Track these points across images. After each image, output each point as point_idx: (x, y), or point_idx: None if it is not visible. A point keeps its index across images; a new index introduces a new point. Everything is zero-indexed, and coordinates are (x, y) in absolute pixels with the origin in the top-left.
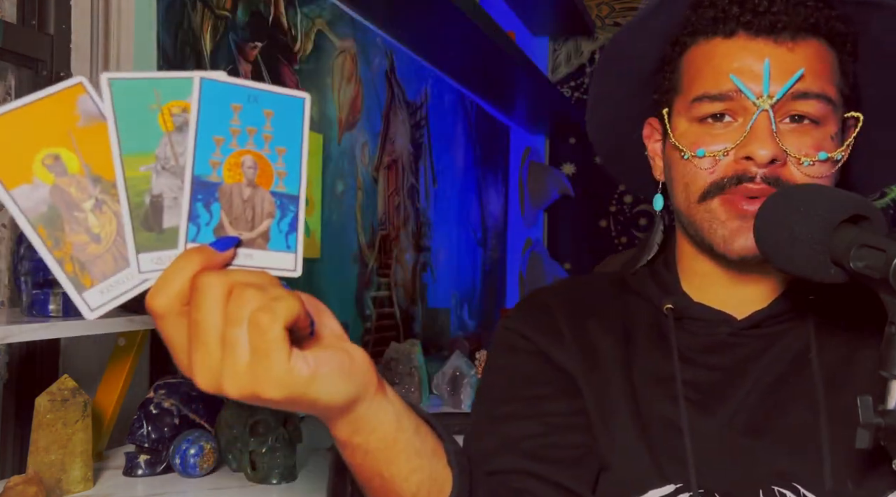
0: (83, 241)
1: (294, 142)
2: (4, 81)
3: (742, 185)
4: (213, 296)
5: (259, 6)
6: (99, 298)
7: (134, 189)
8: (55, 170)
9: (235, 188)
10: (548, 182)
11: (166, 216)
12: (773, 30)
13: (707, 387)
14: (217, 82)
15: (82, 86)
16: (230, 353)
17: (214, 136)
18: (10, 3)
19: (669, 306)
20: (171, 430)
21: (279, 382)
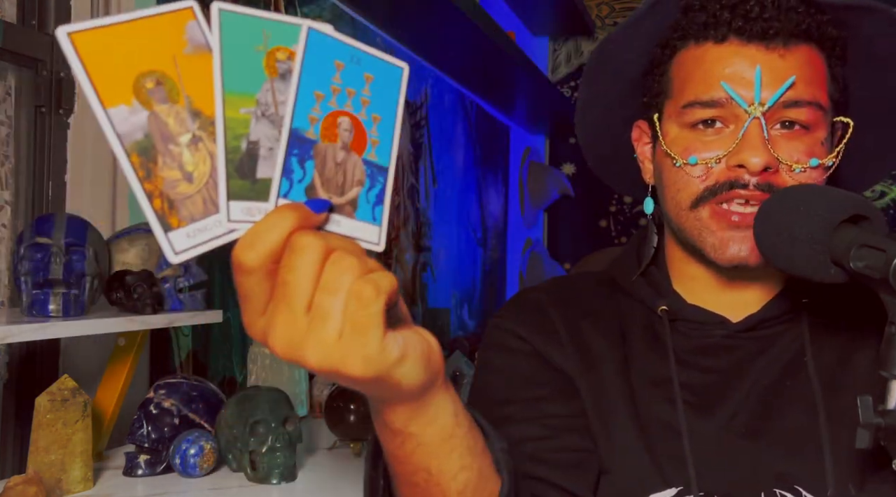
0: (175, 178)
1: (390, 111)
2: (4, 81)
3: (734, 190)
4: (311, 258)
5: (259, 6)
6: (185, 242)
7: (232, 131)
8: (156, 95)
9: (330, 149)
10: (548, 182)
11: (261, 165)
12: (765, 36)
13: (704, 389)
14: (324, 35)
15: (192, 11)
16: (320, 323)
17: (315, 90)
18: (10, 3)
19: (664, 308)
20: (171, 430)
21: (369, 360)
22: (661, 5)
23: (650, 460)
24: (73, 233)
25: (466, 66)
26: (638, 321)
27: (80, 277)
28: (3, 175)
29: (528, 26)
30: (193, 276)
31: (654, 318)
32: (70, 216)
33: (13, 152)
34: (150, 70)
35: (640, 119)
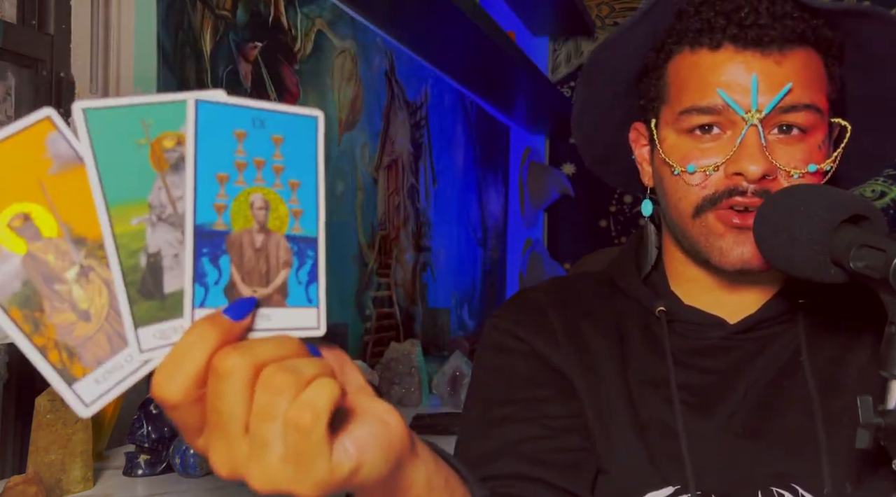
0: (69, 321)
1: (309, 171)
2: (4, 81)
3: (733, 197)
4: (238, 383)
5: (259, 6)
6: (94, 389)
7: (126, 248)
8: (26, 234)
9: (246, 236)
10: (548, 182)
11: (167, 278)
12: (760, 43)
13: (702, 390)
14: (215, 104)
15: (50, 121)
16: (260, 450)
17: (217, 173)
18: (10, 4)
19: (662, 309)
20: (171, 430)
21: (320, 485)
22: (657, 9)
23: (648, 460)
24: None
25: (466, 66)
26: (636, 322)
27: None
28: None
29: (528, 26)
30: None
31: (652, 319)
32: None
33: None
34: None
35: (636, 121)
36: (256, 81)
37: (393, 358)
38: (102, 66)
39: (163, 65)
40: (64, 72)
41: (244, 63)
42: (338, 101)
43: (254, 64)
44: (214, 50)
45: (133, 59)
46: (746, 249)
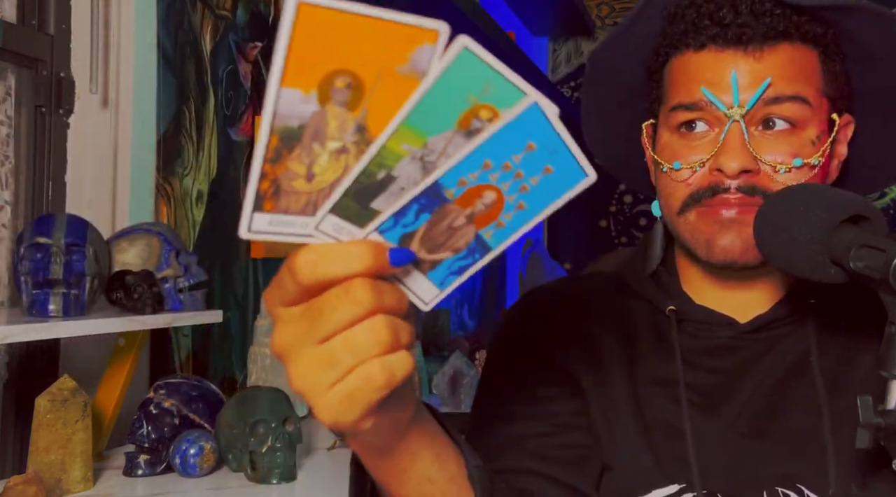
0: (296, 172)
1: (539, 206)
2: (4, 81)
3: (718, 196)
4: (353, 312)
5: (259, 6)
6: (264, 225)
7: (379, 159)
8: (338, 96)
9: (455, 212)
10: None
11: (381, 198)
12: (741, 40)
13: (709, 389)
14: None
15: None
16: (319, 362)
17: (487, 159)
18: (10, 4)
19: (672, 308)
20: (171, 430)
21: (337, 423)
22: (645, 15)
23: (653, 459)
24: (73, 233)
25: None
26: (645, 321)
27: (80, 277)
28: (3, 175)
29: (528, 26)
30: (193, 276)
31: (662, 319)
32: (70, 216)
33: (13, 152)
34: (352, 70)
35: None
36: (256, 81)
37: None
38: (102, 66)
39: (163, 65)
40: (64, 72)
41: (244, 63)
42: None
43: (254, 64)
44: (214, 50)
45: (133, 59)
46: (727, 239)
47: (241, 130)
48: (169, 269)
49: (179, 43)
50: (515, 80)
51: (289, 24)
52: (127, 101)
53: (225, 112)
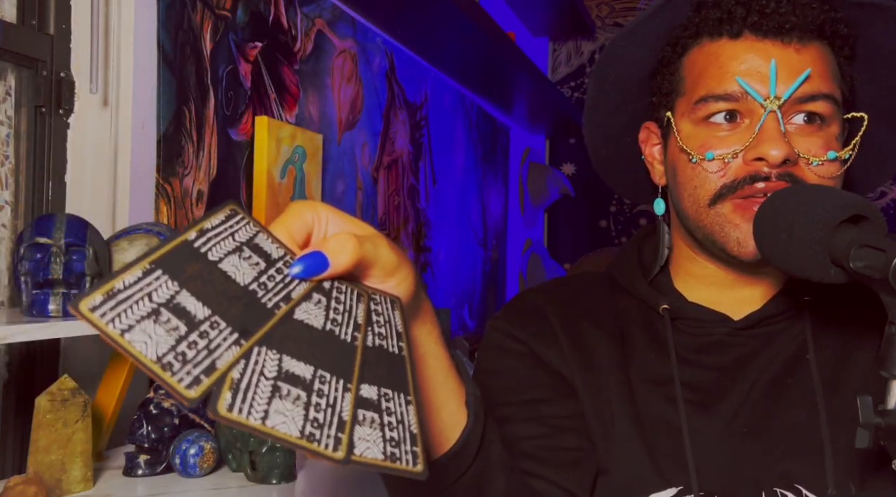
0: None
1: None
2: (4, 81)
3: (755, 184)
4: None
5: (259, 6)
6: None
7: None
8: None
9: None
10: (548, 182)
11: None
12: (781, 31)
13: (704, 387)
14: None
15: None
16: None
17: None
18: (10, 4)
19: (665, 307)
20: (171, 430)
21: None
22: (672, 4)
23: (650, 460)
24: (73, 233)
25: (466, 66)
26: (638, 320)
27: (80, 277)
28: (3, 175)
29: (528, 26)
30: None
31: (655, 317)
32: (70, 216)
33: (13, 152)
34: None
35: (647, 120)
36: (256, 81)
37: None
38: (102, 66)
39: (163, 65)
40: (64, 72)
41: (244, 63)
42: (338, 101)
43: (254, 64)
44: (214, 50)
45: (133, 59)
46: None
47: (241, 130)
48: None
49: (179, 43)
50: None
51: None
52: (127, 101)
53: (225, 112)
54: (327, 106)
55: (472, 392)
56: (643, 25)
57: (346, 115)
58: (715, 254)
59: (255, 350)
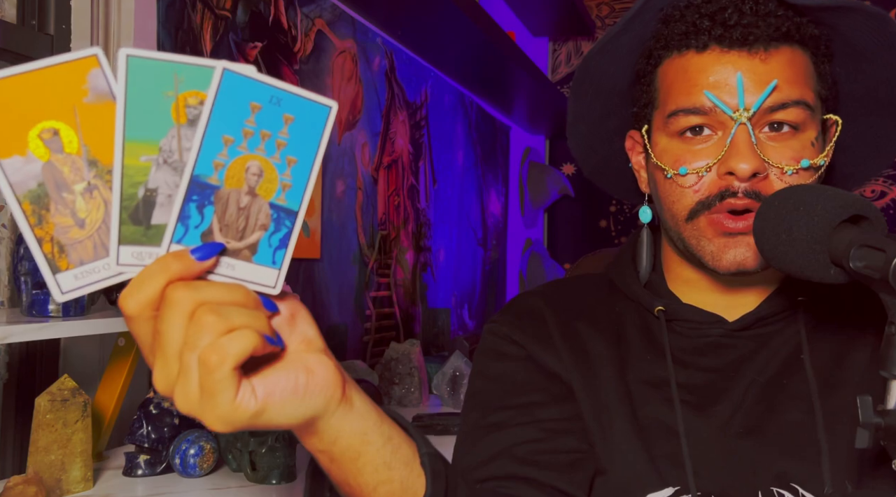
0: (67, 224)
1: (308, 154)
2: None
3: (725, 200)
4: (179, 313)
5: (259, 6)
6: (72, 282)
7: (130, 179)
8: (52, 145)
9: (233, 194)
10: (548, 182)
11: (157, 212)
12: (745, 42)
13: (701, 388)
14: (240, 76)
15: (96, 59)
16: (184, 377)
17: (224, 135)
18: (9, 4)
19: (661, 308)
20: (171, 430)
21: (224, 419)
22: (640, 18)
23: (647, 460)
24: None
25: (466, 66)
26: (634, 322)
27: None
28: None
29: (528, 26)
30: None
31: (651, 319)
32: None
33: None
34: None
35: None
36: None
37: (393, 358)
38: None
39: None
40: None
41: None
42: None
43: (254, 64)
44: (214, 50)
45: None
46: (739, 252)
47: None
48: None
49: (179, 43)
50: (195, 60)
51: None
52: None
53: None
54: None
55: (425, 452)
56: (616, 39)
57: (346, 115)
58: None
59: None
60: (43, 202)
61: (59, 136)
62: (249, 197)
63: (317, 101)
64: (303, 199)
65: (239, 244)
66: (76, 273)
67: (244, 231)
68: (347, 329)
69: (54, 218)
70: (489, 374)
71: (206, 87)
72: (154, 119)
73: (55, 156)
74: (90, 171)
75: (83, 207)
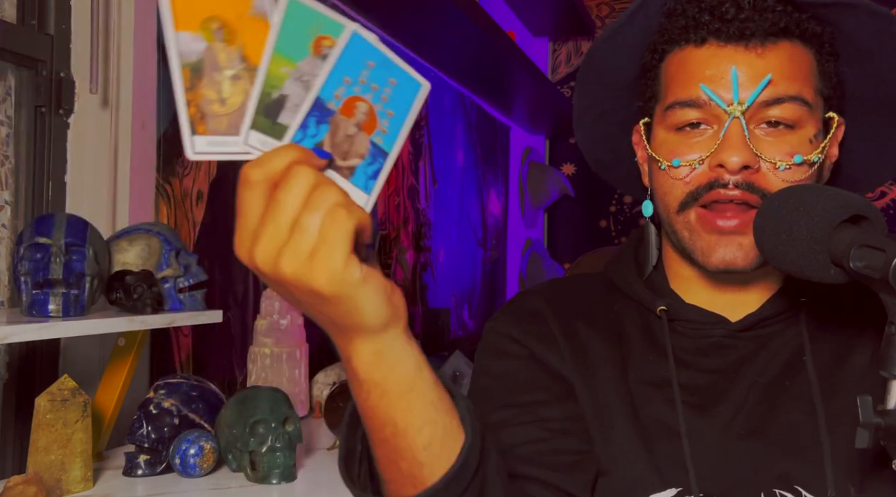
0: (212, 97)
1: (402, 112)
2: (4, 81)
3: (714, 190)
4: (302, 183)
5: None
6: (205, 146)
7: (270, 81)
8: (217, 35)
9: (344, 122)
10: (548, 182)
11: (284, 114)
12: (742, 36)
13: (702, 389)
14: (363, 39)
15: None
16: (299, 235)
17: (346, 76)
18: (9, 4)
19: (663, 308)
20: (171, 430)
21: (333, 275)
22: (643, 11)
23: (649, 461)
24: (73, 233)
25: (466, 66)
26: (635, 322)
27: (79, 277)
28: (3, 175)
29: (528, 26)
30: (193, 276)
31: (652, 319)
32: (70, 216)
33: (13, 152)
34: (219, 15)
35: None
36: None
37: None
38: (102, 66)
39: (163, 65)
40: (64, 72)
41: None
42: None
43: None
44: None
45: (133, 59)
46: (729, 251)
47: None
48: (169, 269)
49: None
50: (334, 15)
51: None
52: (127, 102)
53: None
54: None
55: (465, 406)
56: (620, 32)
57: None
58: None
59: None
60: (199, 73)
61: (224, 30)
62: (356, 128)
63: (415, 77)
64: (395, 145)
65: (342, 162)
66: (210, 140)
67: (348, 154)
68: None
69: (204, 89)
70: (491, 372)
71: (337, 35)
72: (298, 44)
73: (217, 43)
74: (240, 64)
75: (228, 89)
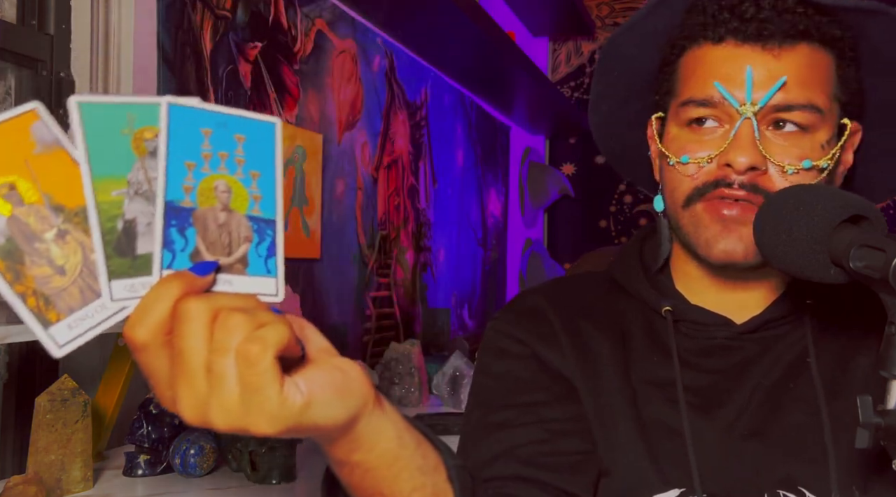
0: (46, 274)
1: (267, 166)
2: (4, 81)
3: (719, 189)
4: (198, 322)
5: (259, 6)
6: (67, 334)
7: (106, 214)
8: (11, 200)
9: (210, 213)
10: (548, 182)
11: (140, 242)
12: (760, 36)
13: (706, 390)
14: (184, 107)
15: (36, 113)
16: (218, 386)
17: (186, 161)
18: (9, 4)
19: (668, 309)
20: (171, 430)
21: (272, 416)
22: (667, 4)
23: (652, 462)
24: None
25: (466, 66)
26: (639, 322)
27: None
28: None
29: (528, 26)
30: None
31: (657, 319)
32: None
33: None
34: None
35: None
36: (256, 81)
37: (393, 358)
38: (102, 66)
39: (163, 65)
40: (64, 72)
41: (244, 63)
42: (338, 101)
43: (254, 64)
44: (214, 50)
45: (133, 59)
46: (729, 243)
47: None
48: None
49: (179, 43)
50: (140, 99)
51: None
52: None
53: None
54: (327, 106)
55: (452, 463)
56: (641, 23)
57: (345, 115)
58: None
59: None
60: (16, 256)
61: (17, 190)
62: (225, 213)
63: (260, 119)
64: (276, 208)
65: (229, 259)
66: (69, 322)
67: (230, 246)
68: (347, 329)
69: (31, 270)
70: (492, 372)
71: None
72: (116, 156)
73: (17, 209)
74: (57, 217)
75: (59, 254)
